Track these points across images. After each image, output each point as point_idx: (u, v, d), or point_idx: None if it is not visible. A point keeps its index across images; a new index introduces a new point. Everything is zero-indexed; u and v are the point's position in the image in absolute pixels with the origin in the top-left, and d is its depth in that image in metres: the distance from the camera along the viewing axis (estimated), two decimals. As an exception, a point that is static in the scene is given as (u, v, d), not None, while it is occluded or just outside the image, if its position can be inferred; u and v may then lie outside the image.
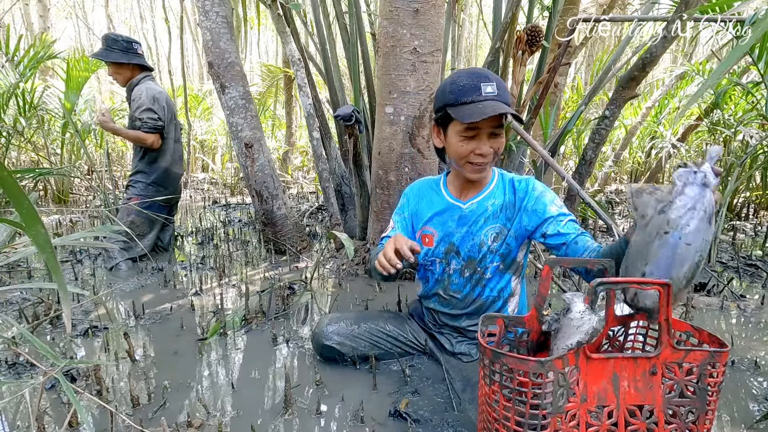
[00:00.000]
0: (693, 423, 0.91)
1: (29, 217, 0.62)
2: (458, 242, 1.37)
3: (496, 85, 1.19)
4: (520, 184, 1.34)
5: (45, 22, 7.20)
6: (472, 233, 1.35)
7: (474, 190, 1.36)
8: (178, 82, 6.49)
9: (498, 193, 1.35)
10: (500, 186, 1.36)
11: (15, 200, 0.61)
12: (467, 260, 1.37)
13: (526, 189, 1.32)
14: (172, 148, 2.71)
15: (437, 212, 1.40)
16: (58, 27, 14.55)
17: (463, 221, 1.36)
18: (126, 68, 2.58)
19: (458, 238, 1.37)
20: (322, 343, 1.49)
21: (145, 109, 2.50)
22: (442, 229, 1.39)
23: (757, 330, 1.87)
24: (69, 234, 2.16)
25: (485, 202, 1.34)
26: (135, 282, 2.36)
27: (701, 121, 4.43)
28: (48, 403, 1.31)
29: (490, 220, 1.34)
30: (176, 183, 2.79)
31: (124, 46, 2.53)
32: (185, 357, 1.59)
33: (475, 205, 1.35)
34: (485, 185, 1.36)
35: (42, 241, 0.64)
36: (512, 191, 1.34)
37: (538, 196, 1.30)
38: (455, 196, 1.38)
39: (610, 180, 6.41)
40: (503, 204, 1.34)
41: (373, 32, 3.32)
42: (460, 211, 1.36)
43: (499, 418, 0.91)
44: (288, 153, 7.21)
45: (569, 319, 0.93)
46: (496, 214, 1.34)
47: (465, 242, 1.36)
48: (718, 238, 2.68)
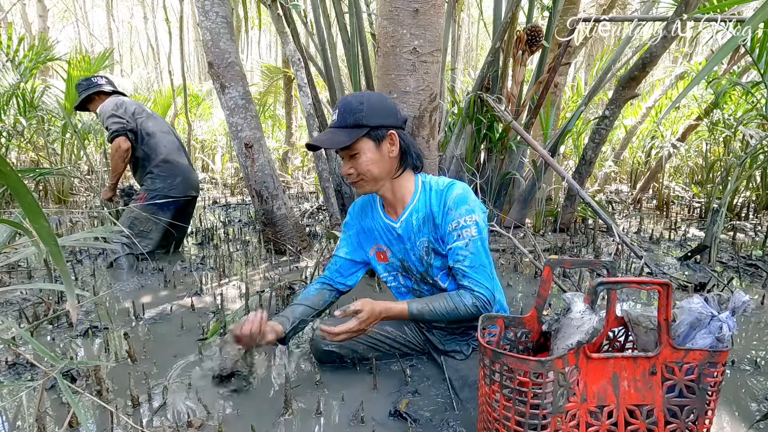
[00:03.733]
0: (693, 423, 0.91)
1: (32, 211, 0.63)
2: (405, 258, 1.39)
3: (338, 112, 1.25)
4: (437, 196, 1.30)
5: (45, 22, 7.20)
6: (409, 249, 1.37)
7: (400, 206, 1.36)
8: (178, 82, 6.49)
9: (420, 206, 1.33)
10: (422, 198, 1.34)
11: (18, 195, 0.61)
12: (419, 273, 1.39)
13: (439, 204, 1.29)
14: (160, 138, 2.71)
15: (380, 231, 1.42)
16: (57, 27, 14.55)
17: (400, 239, 1.37)
18: (97, 102, 2.72)
19: (403, 255, 1.39)
20: (321, 349, 1.49)
21: (109, 116, 2.58)
22: (390, 246, 1.41)
23: (757, 330, 1.87)
24: (69, 234, 2.16)
25: (411, 218, 1.34)
26: (135, 282, 2.36)
27: (701, 121, 4.43)
28: (48, 403, 1.31)
29: (418, 235, 1.33)
30: (186, 174, 2.76)
31: (84, 86, 2.72)
32: (185, 357, 1.59)
33: (404, 223, 1.35)
34: (409, 200, 1.34)
35: (46, 235, 0.65)
36: (429, 204, 1.31)
37: (446, 216, 1.27)
38: (389, 215, 1.39)
39: (610, 180, 6.41)
40: (425, 216, 1.32)
41: (373, 32, 3.32)
42: (395, 230, 1.37)
43: (499, 418, 0.91)
44: (288, 153, 7.21)
45: (569, 319, 0.93)
46: (420, 227, 1.33)
47: (409, 258, 1.38)
48: (718, 238, 2.68)
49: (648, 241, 3.31)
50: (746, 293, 0.91)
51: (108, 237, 2.52)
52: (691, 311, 0.92)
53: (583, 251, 3.02)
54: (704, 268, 2.62)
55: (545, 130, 3.21)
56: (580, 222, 3.75)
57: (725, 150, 4.25)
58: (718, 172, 4.40)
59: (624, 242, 2.15)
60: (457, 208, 1.25)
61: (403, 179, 1.34)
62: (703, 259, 2.75)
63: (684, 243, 3.31)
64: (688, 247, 3.15)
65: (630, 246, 2.15)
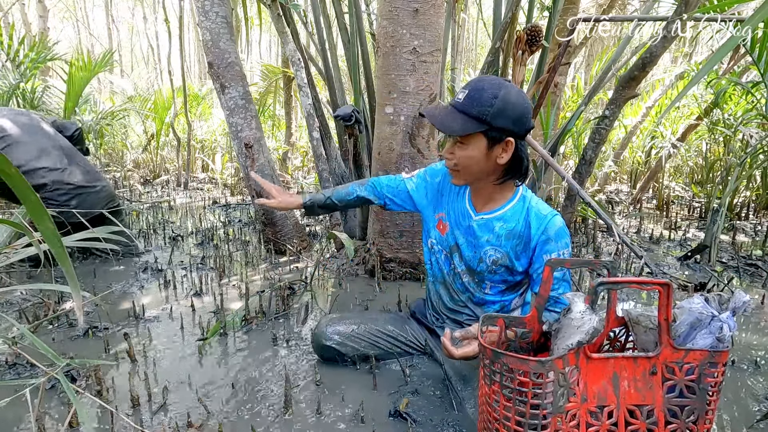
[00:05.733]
0: (693, 423, 0.91)
1: (37, 211, 0.63)
2: (462, 246, 1.35)
3: (467, 94, 1.15)
4: (537, 220, 1.24)
5: (45, 22, 7.20)
6: (474, 246, 1.32)
7: (488, 204, 1.30)
8: (178, 82, 6.49)
9: (511, 217, 1.27)
10: (517, 211, 1.27)
11: (22, 196, 0.62)
12: (467, 267, 1.35)
13: (538, 229, 1.24)
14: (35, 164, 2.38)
15: (456, 210, 1.37)
16: (57, 27, 14.55)
17: (469, 231, 1.33)
18: None
19: (463, 243, 1.35)
20: (322, 344, 1.49)
21: None
22: (454, 225, 1.36)
23: (757, 330, 1.87)
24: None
25: (494, 222, 1.28)
26: (135, 282, 2.36)
27: (701, 121, 4.43)
28: (48, 403, 1.31)
29: (494, 242, 1.28)
30: (79, 192, 2.45)
31: None
32: (185, 357, 1.59)
33: (484, 222, 1.30)
34: (501, 204, 1.28)
35: (50, 235, 0.65)
36: (527, 225, 1.25)
37: (545, 244, 1.24)
38: (472, 203, 1.34)
39: (610, 180, 6.41)
40: (512, 232, 1.26)
41: (373, 32, 3.32)
42: (470, 220, 1.32)
43: (499, 418, 0.91)
44: (288, 153, 7.21)
45: (570, 319, 0.93)
46: (500, 238, 1.27)
47: (468, 250, 1.34)
48: (718, 238, 2.68)
49: (648, 241, 3.31)
50: (746, 293, 0.91)
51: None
52: (691, 311, 0.92)
53: (583, 251, 3.02)
54: (704, 268, 2.62)
55: (545, 130, 3.21)
56: (580, 222, 3.75)
57: (725, 150, 4.25)
58: (718, 172, 4.40)
59: (624, 242, 2.15)
60: (557, 241, 1.23)
61: (502, 186, 1.27)
62: (703, 259, 2.75)
63: (684, 243, 3.31)
64: (688, 247, 3.15)
65: (630, 246, 2.15)
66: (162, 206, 4.46)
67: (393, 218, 2.28)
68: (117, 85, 8.01)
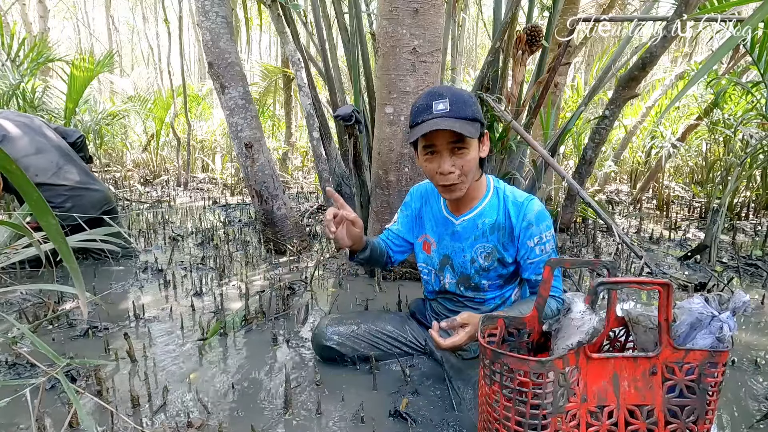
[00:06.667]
0: (693, 423, 0.91)
1: (40, 208, 0.63)
2: (452, 256, 1.37)
3: (448, 102, 1.14)
4: (515, 208, 1.27)
5: (45, 23, 7.20)
6: (463, 249, 1.34)
7: (466, 206, 1.33)
8: (178, 82, 6.50)
9: (490, 211, 1.30)
10: (494, 203, 1.31)
11: (25, 193, 0.62)
12: (460, 276, 1.38)
13: (518, 217, 1.27)
14: (31, 162, 2.37)
15: (436, 222, 1.40)
16: (57, 27, 14.55)
17: (456, 237, 1.35)
18: None
19: (452, 252, 1.37)
20: (322, 344, 1.49)
21: None
22: (439, 240, 1.39)
23: (757, 330, 1.87)
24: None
25: (476, 220, 1.31)
26: (135, 282, 2.36)
27: (701, 121, 4.43)
28: (48, 403, 1.31)
29: (480, 239, 1.31)
30: (76, 194, 2.45)
31: None
32: (185, 357, 1.59)
33: (467, 222, 1.32)
34: (477, 201, 1.31)
35: (54, 232, 0.65)
36: (506, 215, 1.28)
37: (527, 230, 1.26)
38: (450, 210, 1.36)
39: (610, 180, 6.41)
40: (494, 224, 1.29)
41: (372, 32, 3.32)
42: (453, 226, 1.35)
43: (499, 418, 0.91)
44: (288, 153, 7.21)
45: (570, 319, 0.93)
46: (485, 233, 1.30)
47: (457, 257, 1.36)
48: (718, 238, 2.68)
49: (648, 241, 3.31)
50: (746, 293, 0.91)
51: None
52: (691, 311, 0.93)
53: (584, 251, 3.02)
54: (704, 268, 2.62)
55: (545, 130, 3.20)
56: (580, 222, 3.75)
57: (725, 150, 4.25)
58: (718, 172, 4.40)
59: (624, 242, 2.15)
60: (538, 224, 1.25)
61: (479, 182, 1.30)
62: (703, 259, 2.75)
63: (684, 243, 3.31)
64: (688, 247, 3.15)
65: (630, 246, 2.15)
66: (162, 206, 4.46)
67: (393, 218, 2.28)
68: (117, 85, 8.02)
